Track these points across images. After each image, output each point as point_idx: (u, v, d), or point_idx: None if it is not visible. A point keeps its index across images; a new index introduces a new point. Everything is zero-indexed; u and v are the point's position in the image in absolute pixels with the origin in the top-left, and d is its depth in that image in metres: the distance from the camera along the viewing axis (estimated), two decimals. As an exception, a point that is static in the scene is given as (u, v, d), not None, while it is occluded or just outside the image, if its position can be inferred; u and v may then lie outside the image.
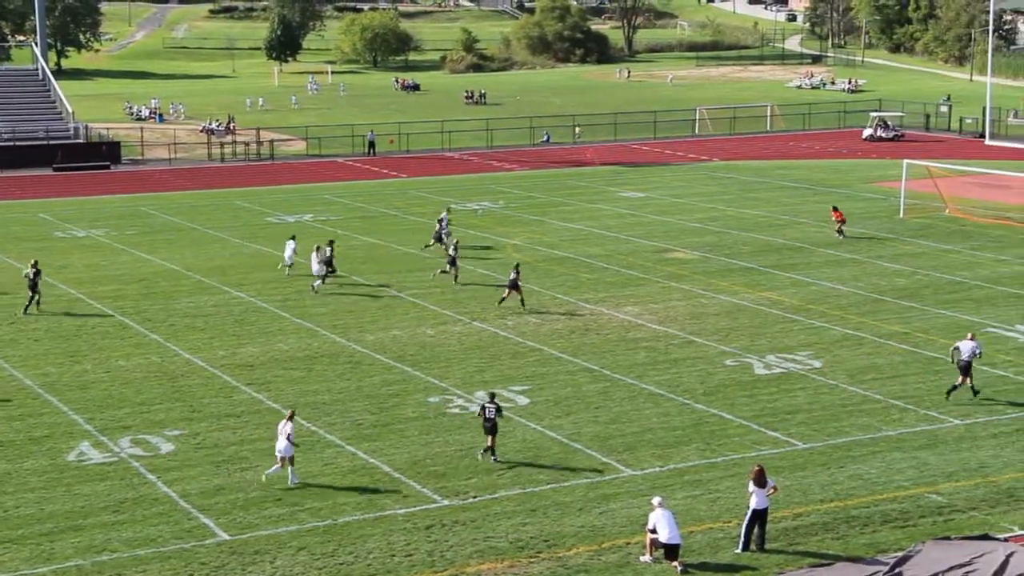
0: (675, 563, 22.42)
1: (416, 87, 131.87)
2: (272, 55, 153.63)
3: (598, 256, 49.25)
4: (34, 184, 70.56)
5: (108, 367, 34.99)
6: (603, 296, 42.68)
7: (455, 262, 44.37)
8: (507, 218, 58.17)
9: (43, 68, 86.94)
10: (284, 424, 26.44)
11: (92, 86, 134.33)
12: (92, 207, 62.87)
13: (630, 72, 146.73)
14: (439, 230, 49.92)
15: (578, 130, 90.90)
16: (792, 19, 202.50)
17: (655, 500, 22.86)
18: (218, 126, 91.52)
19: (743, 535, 23.28)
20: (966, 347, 31.48)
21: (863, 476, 26.74)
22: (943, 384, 32.69)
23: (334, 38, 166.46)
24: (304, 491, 26.07)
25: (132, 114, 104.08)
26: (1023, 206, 55.53)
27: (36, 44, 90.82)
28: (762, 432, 29.46)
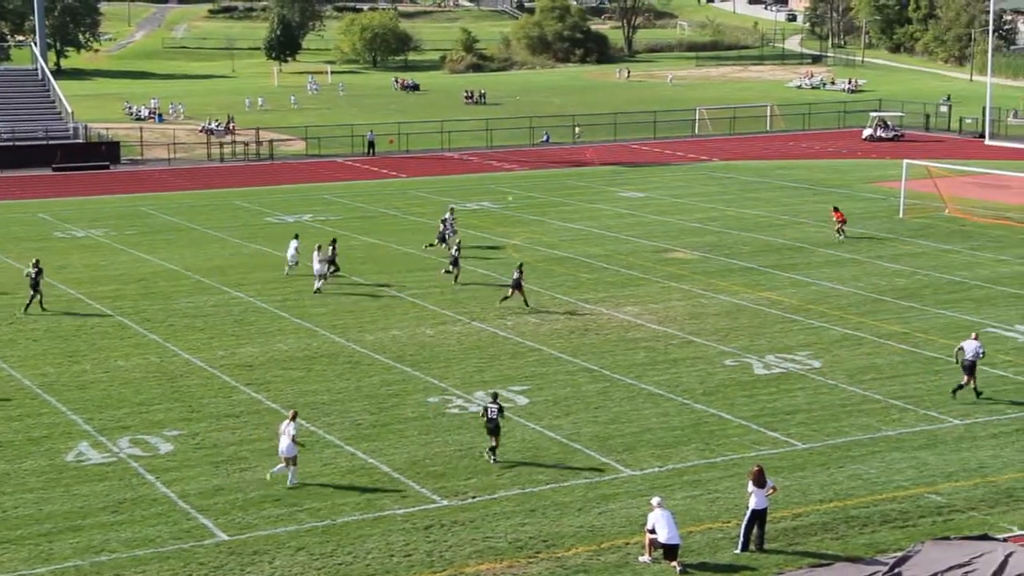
0: (674, 563, 22.41)
1: (416, 87, 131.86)
2: (272, 55, 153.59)
3: (598, 256, 49.24)
4: (33, 184, 70.54)
5: (107, 367, 34.98)
6: (603, 296, 42.67)
7: (457, 262, 44.35)
8: (507, 218, 58.16)
9: (42, 68, 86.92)
10: (287, 424, 26.42)
11: (91, 86, 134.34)
12: (91, 207, 62.85)
13: (630, 72, 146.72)
14: (443, 231, 49.85)
15: (578, 130, 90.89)
16: (792, 19, 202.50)
17: (654, 500, 22.85)
18: (217, 126, 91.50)
19: (742, 535, 23.27)
20: (970, 347, 31.49)
21: (862, 476, 26.73)
22: (943, 384, 32.70)
23: (334, 38, 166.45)
24: (303, 491, 26.06)
25: (131, 114, 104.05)
26: (1023, 206, 55.51)
27: (35, 44, 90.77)
28: (761, 432, 29.45)
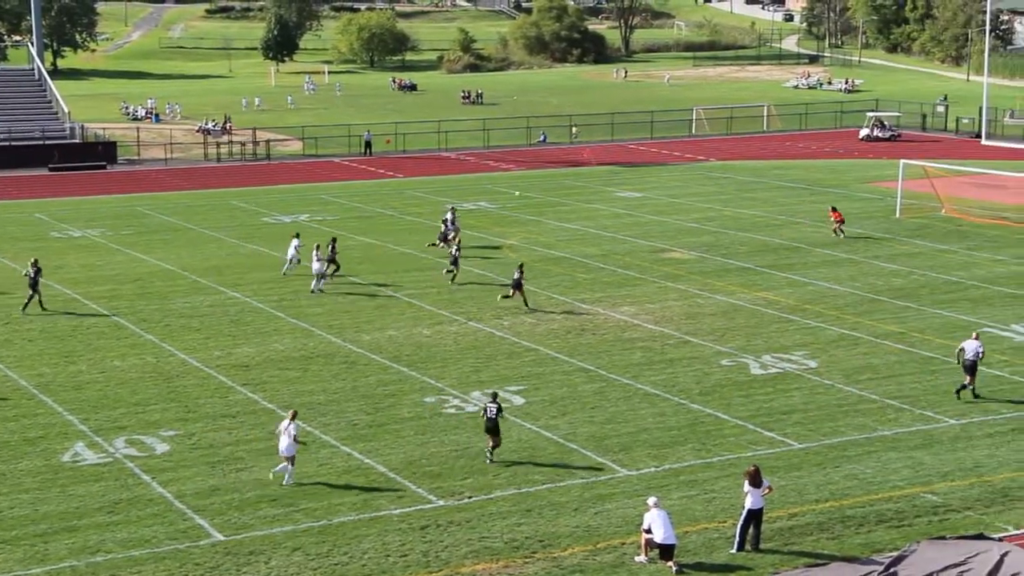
0: (670, 563, 22.41)
1: (413, 87, 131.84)
2: (269, 55, 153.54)
3: (595, 256, 49.24)
4: (30, 184, 70.48)
5: (103, 367, 34.96)
6: (599, 296, 42.67)
7: (457, 261, 44.38)
8: (504, 218, 58.14)
9: (39, 68, 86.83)
10: (288, 424, 26.42)
11: (88, 86, 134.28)
12: (88, 207, 62.81)
13: (627, 72, 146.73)
14: (444, 230, 49.82)
15: (575, 130, 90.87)
16: (789, 19, 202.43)
17: (650, 500, 22.85)
18: (214, 126, 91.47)
19: (738, 535, 23.28)
20: (970, 347, 31.56)
21: (858, 476, 26.75)
22: (939, 384, 32.74)
23: (331, 38, 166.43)
24: (299, 491, 26.05)
25: (128, 114, 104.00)
26: (1019, 206, 55.54)
27: (32, 44, 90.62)
28: (758, 432, 29.46)
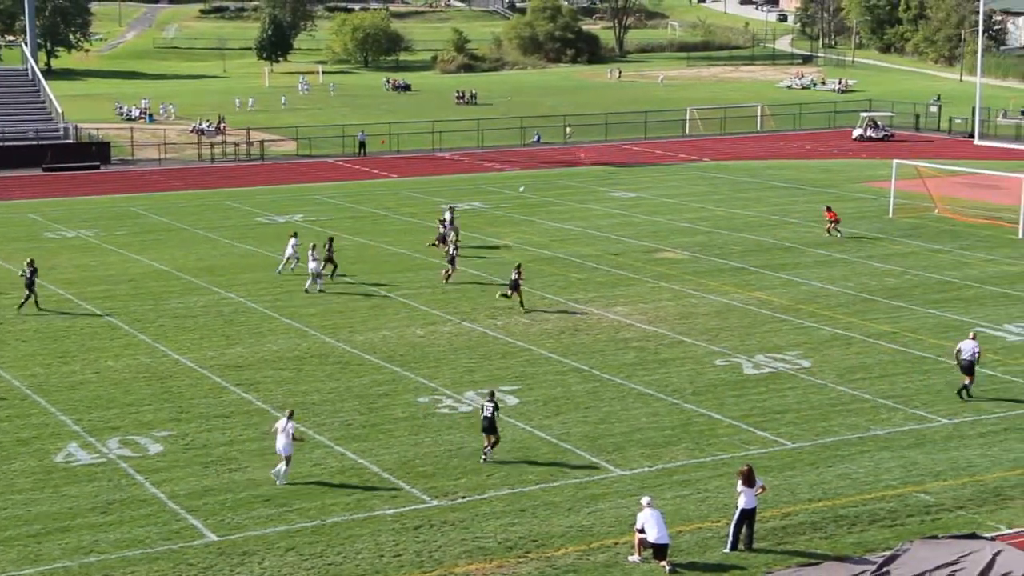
0: (663, 563, 22.45)
1: (407, 87, 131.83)
2: (263, 55, 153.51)
3: (588, 256, 49.28)
4: (23, 184, 70.37)
5: (97, 368, 34.94)
6: (593, 296, 42.70)
7: (454, 261, 44.44)
8: (497, 218, 58.16)
9: (33, 68, 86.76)
10: (286, 423, 26.43)
11: (82, 86, 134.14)
12: (81, 207, 62.75)
13: (621, 72, 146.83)
14: (443, 231, 49.80)
15: (569, 130, 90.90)
16: (783, 19, 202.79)
17: (644, 500, 22.89)
18: (208, 126, 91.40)
19: (731, 535, 23.32)
20: (967, 347, 31.63)
21: (851, 475, 26.80)
22: (932, 383, 32.83)
23: (325, 38, 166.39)
24: (293, 492, 26.06)
25: (122, 114, 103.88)
26: (1012, 206, 55.61)
27: (26, 44, 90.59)
28: (751, 432, 29.51)
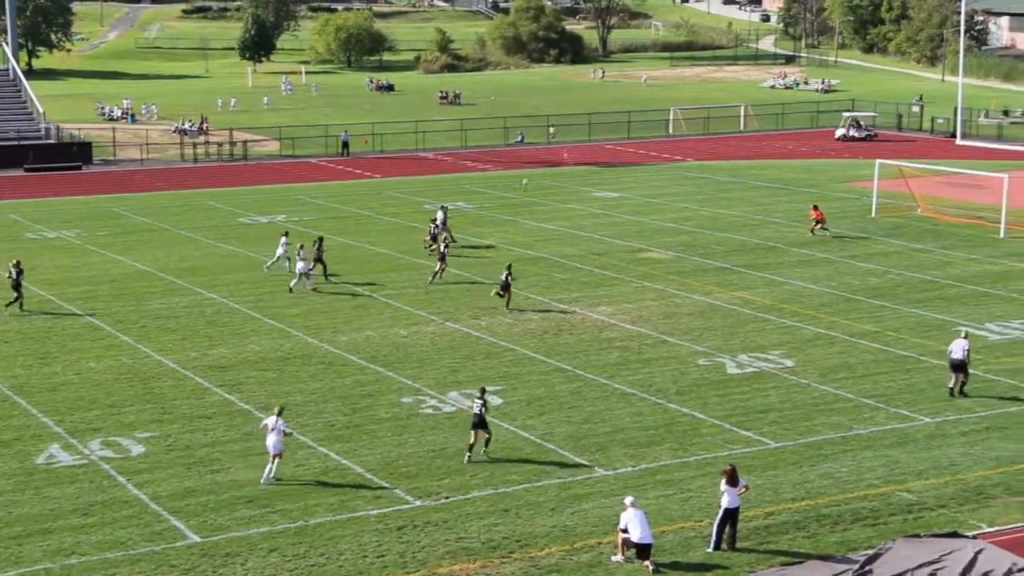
0: (647, 562, 22.46)
1: (390, 87, 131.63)
2: (246, 55, 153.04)
3: (572, 256, 49.28)
4: (4, 185, 69.98)
5: (78, 369, 34.79)
6: (576, 296, 42.71)
7: (444, 258, 44.50)
8: (481, 218, 58.12)
9: (14, 68, 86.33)
10: (276, 421, 26.38)
11: (64, 86, 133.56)
12: (63, 208, 62.48)
13: (604, 72, 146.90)
14: (434, 230, 49.74)
15: (552, 130, 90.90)
16: (766, 19, 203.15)
17: (627, 500, 22.90)
18: (191, 126, 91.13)
19: (715, 534, 23.35)
20: (958, 346, 31.80)
21: (834, 475, 26.86)
22: (914, 382, 32.94)
23: (308, 38, 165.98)
24: (276, 493, 25.99)
25: (104, 114, 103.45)
26: (994, 205, 55.83)
27: (7, 44, 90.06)
28: (734, 431, 29.55)
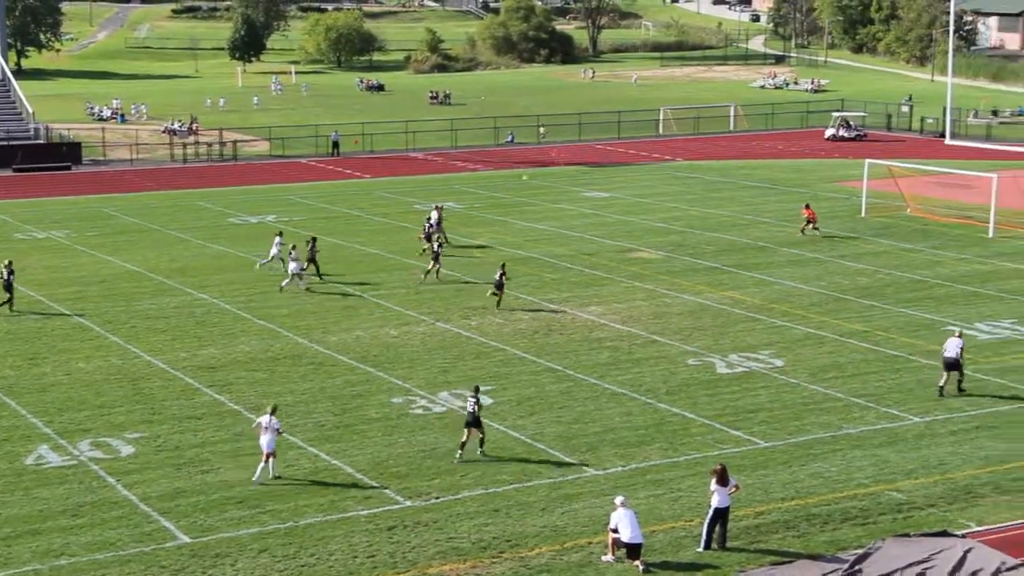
0: (637, 562, 22.48)
1: (380, 87, 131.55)
2: (235, 55, 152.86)
3: (562, 256, 49.29)
4: (-6, 185, 69.92)
5: (68, 369, 34.71)
6: (567, 296, 42.72)
7: (438, 258, 44.52)
8: (471, 218, 58.10)
9: (3, 68, 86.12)
10: (270, 420, 26.35)
11: (53, 86, 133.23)
12: (52, 208, 62.34)
13: (595, 72, 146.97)
14: (428, 230, 49.73)
15: (543, 130, 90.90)
16: (756, 19, 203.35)
17: (617, 499, 22.91)
18: (181, 127, 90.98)
19: (705, 534, 23.38)
20: (951, 344, 31.92)
21: (824, 474, 26.91)
22: (903, 382, 33.03)
23: (298, 38, 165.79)
24: (266, 493, 25.96)
25: (93, 115, 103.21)
26: (983, 205, 55.97)
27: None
28: (724, 431, 29.58)
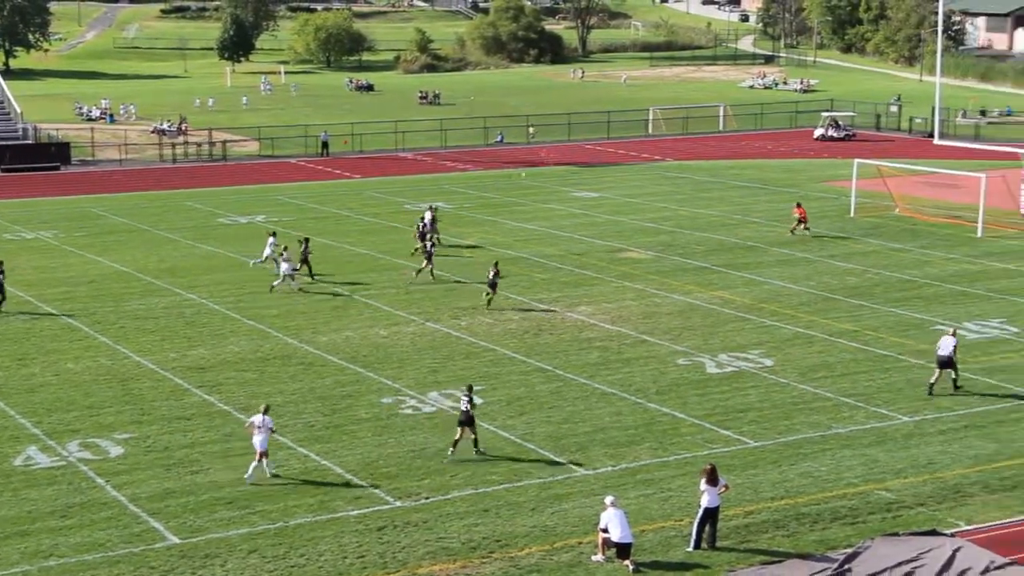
0: (627, 562, 22.49)
1: (370, 87, 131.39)
2: (225, 55, 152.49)
3: (552, 256, 49.31)
4: (-18, 185, 69.72)
5: (57, 370, 34.63)
6: (556, 296, 42.74)
7: (431, 257, 44.57)
8: (461, 218, 58.08)
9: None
10: (263, 419, 26.34)
11: (41, 86, 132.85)
12: (41, 208, 62.17)
13: (584, 72, 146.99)
14: (421, 230, 49.73)
15: (532, 130, 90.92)
16: (745, 19, 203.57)
17: (607, 499, 22.93)
18: (170, 127, 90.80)
19: (695, 533, 23.40)
20: (945, 343, 32.04)
21: (813, 474, 26.95)
22: (893, 381, 33.10)
23: (287, 38, 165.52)
24: (255, 493, 25.92)
25: (82, 115, 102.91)
26: (971, 205, 56.13)
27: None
28: (714, 431, 29.62)
